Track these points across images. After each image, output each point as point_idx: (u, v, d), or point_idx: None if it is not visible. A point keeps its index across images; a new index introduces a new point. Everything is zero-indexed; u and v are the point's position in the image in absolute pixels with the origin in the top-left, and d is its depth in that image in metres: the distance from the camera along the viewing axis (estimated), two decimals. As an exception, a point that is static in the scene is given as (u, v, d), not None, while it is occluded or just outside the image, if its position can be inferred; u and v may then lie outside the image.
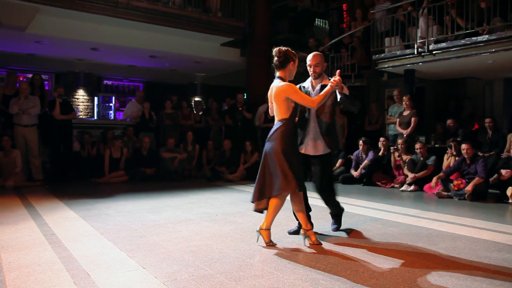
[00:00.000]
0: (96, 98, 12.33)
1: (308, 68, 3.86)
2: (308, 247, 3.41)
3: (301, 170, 3.56)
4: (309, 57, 3.84)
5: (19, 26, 8.23)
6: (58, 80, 12.14)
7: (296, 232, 3.85)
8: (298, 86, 3.88)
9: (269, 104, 3.72)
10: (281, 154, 3.38)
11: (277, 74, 3.60)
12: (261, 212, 3.58)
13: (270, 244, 3.44)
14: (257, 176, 3.52)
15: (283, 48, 3.55)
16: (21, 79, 10.51)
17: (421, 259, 3.09)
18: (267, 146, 3.50)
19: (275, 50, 3.57)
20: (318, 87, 3.83)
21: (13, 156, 7.20)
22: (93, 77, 12.52)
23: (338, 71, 3.65)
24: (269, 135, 3.54)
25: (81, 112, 12.05)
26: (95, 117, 12.06)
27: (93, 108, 12.34)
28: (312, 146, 3.81)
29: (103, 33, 9.32)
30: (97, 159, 8.35)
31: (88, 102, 12.40)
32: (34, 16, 8.28)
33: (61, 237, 3.73)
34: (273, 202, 3.44)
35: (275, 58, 3.56)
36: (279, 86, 3.50)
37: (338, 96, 3.64)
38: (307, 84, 3.97)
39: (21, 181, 7.19)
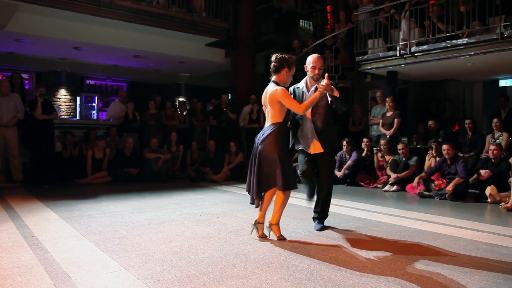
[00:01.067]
0: (78, 98, 12.14)
1: (311, 69, 3.91)
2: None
3: (293, 170, 3.73)
4: (313, 59, 3.92)
5: (-2, 24, 8.07)
6: (39, 80, 11.92)
7: (322, 228, 4.03)
8: (292, 87, 4.04)
9: (263, 107, 3.83)
10: (277, 155, 3.52)
11: (273, 78, 3.74)
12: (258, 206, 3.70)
13: (280, 238, 3.64)
14: (251, 176, 3.64)
15: (280, 55, 3.74)
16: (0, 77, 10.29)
17: (402, 258, 3.13)
18: (261, 147, 3.58)
19: (273, 56, 3.75)
20: (313, 88, 3.90)
21: (-8, 156, 7.05)
22: (75, 76, 12.33)
23: (326, 74, 3.72)
24: (261, 137, 3.61)
25: (63, 112, 11.86)
26: (78, 117, 11.88)
27: (75, 108, 12.16)
28: (312, 145, 3.93)
29: (86, 32, 9.18)
30: (79, 159, 8.24)
31: (70, 102, 12.21)
32: (14, 13, 8.11)
33: (41, 238, 3.66)
34: (279, 198, 3.62)
35: (272, 63, 3.73)
36: (272, 90, 3.63)
37: (329, 99, 3.75)
38: (301, 84, 4.03)
39: (0, 182, 7.03)
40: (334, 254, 3.23)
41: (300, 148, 4.01)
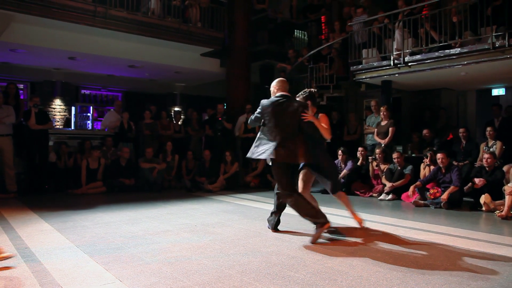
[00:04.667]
0: (73, 108, 12.12)
1: (276, 90, 4.31)
2: None
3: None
4: (276, 83, 4.34)
5: (-8, 34, 8.08)
6: (34, 89, 11.90)
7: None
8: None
9: None
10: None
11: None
12: None
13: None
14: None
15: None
16: (-6, 88, 10.26)
17: (398, 267, 3.13)
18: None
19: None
20: None
21: (-14, 167, 6.99)
22: (70, 86, 12.34)
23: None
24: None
25: (58, 122, 11.82)
26: (73, 127, 11.84)
27: (70, 118, 12.12)
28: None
29: (81, 42, 9.21)
30: (74, 170, 8.18)
31: (65, 111, 12.18)
32: (9, 24, 8.13)
33: (35, 250, 3.63)
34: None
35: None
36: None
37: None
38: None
39: (-7, 193, 6.98)
40: (330, 263, 3.23)
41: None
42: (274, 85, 4.34)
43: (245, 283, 2.79)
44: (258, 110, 4.25)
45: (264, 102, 4.23)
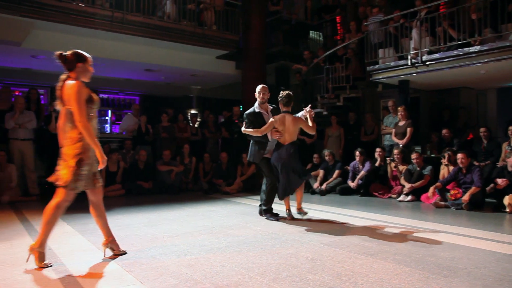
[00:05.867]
0: (92, 112, 12.30)
1: (261, 95, 5.32)
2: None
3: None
4: (260, 88, 5.30)
5: (15, 41, 8.27)
6: (54, 94, 12.11)
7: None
8: (244, 114, 5.41)
9: (279, 130, 5.08)
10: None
11: (284, 109, 5.16)
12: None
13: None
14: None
15: (288, 92, 5.16)
16: (16, 93, 10.50)
17: (420, 270, 3.08)
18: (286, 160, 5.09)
19: (282, 92, 5.17)
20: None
21: (9, 171, 7.16)
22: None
23: (309, 105, 5.20)
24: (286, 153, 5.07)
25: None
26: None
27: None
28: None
29: (98, 47, 9.35)
30: (93, 173, 8.29)
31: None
32: (30, 31, 8.32)
33: (57, 252, 3.70)
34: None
35: (284, 99, 5.17)
36: (295, 118, 5.13)
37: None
38: (257, 109, 5.33)
39: (16, 196, 7.13)
40: (350, 266, 3.19)
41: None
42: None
43: (265, 285, 2.78)
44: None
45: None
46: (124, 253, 3.59)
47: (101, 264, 3.32)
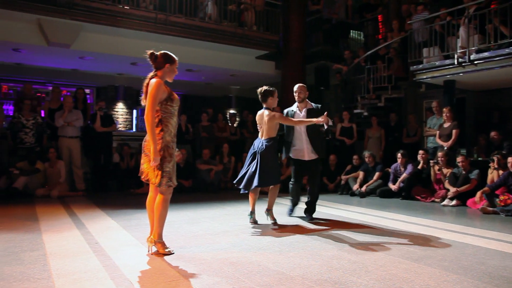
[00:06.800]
0: (135, 111, 12.71)
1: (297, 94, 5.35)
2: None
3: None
4: (297, 88, 5.40)
5: (65, 44, 8.66)
6: (99, 94, 12.63)
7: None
8: (285, 110, 5.45)
9: (258, 126, 5.12)
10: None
11: (264, 105, 5.04)
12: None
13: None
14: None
15: (264, 88, 5.01)
16: (64, 93, 11.00)
17: (469, 278, 2.96)
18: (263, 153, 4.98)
19: (258, 90, 5.06)
20: (304, 112, 5.30)
21: (58, 167, 7.51)
22: (132, 90, 12.94)
23: (326, 112, 4.82)
24: (261, 147, 5.03)
25: (121, 124, 12.45)
26: (134, 129, 12.41)
27: (132, 121, 12.73)
28: (306, 154, 5.29)
29: (142, 48, 9.47)
30: (135, 170, 8.53)
31: (127, 114, 12.80)
32: (79, 33, 8.69)
33: (104, 245, 3.84)
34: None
35: (259, 96, 5.07)
36: (270, 114, 4.95)
37: (325, 126, 4.90)
38: (294, 107, 5.42)
39: (65, 191, 7.47)
40: (394, 270, 3.12)
41: (291, 156, 5.40)
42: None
43: (307, 286, 2.77)
44: None
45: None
46: (170, 253, 3.57)
47: (145, 259, 3.41)
